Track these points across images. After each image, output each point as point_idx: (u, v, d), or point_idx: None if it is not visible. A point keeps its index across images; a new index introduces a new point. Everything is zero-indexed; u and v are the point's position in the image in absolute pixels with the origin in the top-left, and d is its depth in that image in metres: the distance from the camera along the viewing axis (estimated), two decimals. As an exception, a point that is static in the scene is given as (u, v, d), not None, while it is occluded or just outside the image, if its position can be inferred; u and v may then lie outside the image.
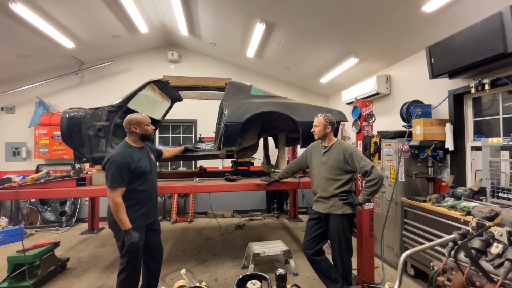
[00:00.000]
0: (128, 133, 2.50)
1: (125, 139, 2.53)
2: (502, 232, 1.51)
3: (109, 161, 2.30)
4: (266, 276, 1.19)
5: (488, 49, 2.67)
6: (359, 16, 3.77)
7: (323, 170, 2.69)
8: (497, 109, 3.21)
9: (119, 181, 2.27)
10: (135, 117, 2.47)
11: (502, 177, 2.69)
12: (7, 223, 5.30)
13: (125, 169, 2.30)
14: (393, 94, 4.84)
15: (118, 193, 2.26)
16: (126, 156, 2.34)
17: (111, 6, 4.41)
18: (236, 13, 4.52)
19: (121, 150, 2.38)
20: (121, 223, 2.24)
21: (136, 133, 2.47)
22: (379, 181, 2.48)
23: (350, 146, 2.68)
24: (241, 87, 3.81)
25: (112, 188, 2.25)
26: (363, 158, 2.59)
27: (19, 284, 3.13)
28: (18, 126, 5.93)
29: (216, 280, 3.39)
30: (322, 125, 2.71)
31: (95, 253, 4.31)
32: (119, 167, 2.27)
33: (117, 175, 2.26)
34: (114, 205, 2.23)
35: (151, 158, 2.62)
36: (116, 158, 2.29)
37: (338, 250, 2.64)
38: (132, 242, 2.21)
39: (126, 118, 2.48)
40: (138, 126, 2.46)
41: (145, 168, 2.45)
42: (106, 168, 2.31)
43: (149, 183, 2.51)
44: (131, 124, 2.45)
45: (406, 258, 1.57)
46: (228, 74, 6.39)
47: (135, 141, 2.50)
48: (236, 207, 6.70)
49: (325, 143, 2.78)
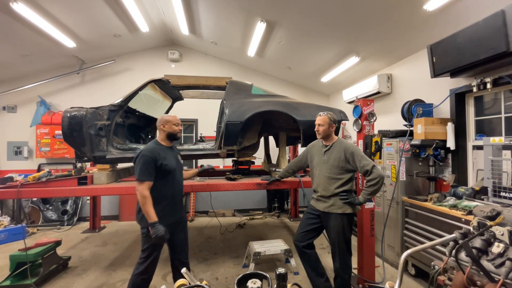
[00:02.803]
0: (158, 131, 2.65)
1: (156, 137, 2.69)
2: (503, 232, 1.51)
3: (139, 155, 2.42)
4: (267, 275, 1.19)
5: (490, 48, 2.65)
6: (360, 15, 3.75)
7: (324, 169, 2.67)
8: (499, 108, 3.20)
9: (146, 175, 2.36)
10: (165, 116, 2.63)
11: (504, 176, 2.69)
12: (9, 222, 5.33)
13: (152, 164, 2.39)
14: (394, 93, 4.82)
15: (145, 186, 2.35)
16: (154, 152, 2.44)
17: (112, 5, 4.41)
18: (237, 12, 4.52)
19: (150, 146, 2.53)
20: (147, 216, 2.32)
21: (164, 131, 2.59)
22: (379, 180, 2.47)
23: (351, 145, 2.67)
24: (242, 86, 3.80)
25: (140, 181, 2.35)
26: (364, 157, 2.57)
27: (21, 282, 3.15)
28: (20, 125, 5.95)
29: (217, 279, 3.40)
30: (326, 124, 2.67)
31: (97, 252, 4.33)
32: (147, 161, 2.38)
33: (144, 168, 2.36)
34: (142, 197, 2.33)
35: (178, 160, 2.72)
36: (145, 152, 2.41)
37: (338, 249, 2.64)
38: (158, 235, 2.27)
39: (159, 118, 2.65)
40: (166, 124, 2.58)
41: (171, 166, 2.53)
42: (135, 162, 2.43)
43: (174, 181, 2.60)
44: (160, 122, 2.59)
45: (407, 258, 1.57)
46: (229, 73, 6.39)
47: (163, 139, 2.62)
48: (237, 206, 6.70)
49: (326, 142, 2.75)
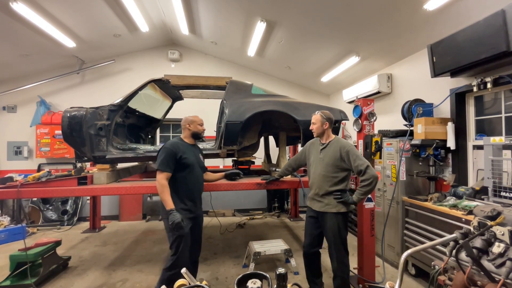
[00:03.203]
0: (182, 130, 2.84)
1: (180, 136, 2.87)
2: (504, 232, 1.50)
3: (162, 148, 2.64)
4: (267, 275, 1.18)
5: (491, 48, 2.65)
6: (360, 15, 3.75)
7: (320, 167, 2.70)
8: (499, 107, 3.19)
9: (165, 165, 2.53)
10: (190, 117, 2.83)
11: (504, 176, 2.69)
12: (9, 221, 5.33)
13: (173, 156, 2.57)
14: (394, 93, 4.82)
15: (164, 175, 2.52)
16: (175, 146, 2.63)
17: (112, 5, 4.41)
18: (237, 11, 4.51)
19: (173, 140, 2.74)
20: (165, 203, 2.47)
21: (189, 130, 2.79)
22: (373, 181, 2.47)
23: (348, 143, 2.67)
24: (242, 86, 3.80)
25: (159, 171, 2.53)
26: (359, 157, 2.57)
27: (21, 282, 3.14)
28: (20, 125, 5.94)
29: (217, 279, 3.40)
30: (319, 122, 2.72)
31: (97, 251, 4.33)
32: (167, 153, 2.57)
33: (164, 160, 2.54)
34: (160, 186, 2.50)
35: (198, 157, 2.87)
36: (167, 145, 2.63)
37: (334, 249, 2.67)
38: (174, 221, 2.36)
39: (183, 118, 2.83)
40: (191, 124, 2.79)
41: (190, 160, 2.68)
42: (158, 154, 2.63)
43: (193, 175, 2.72)
44: (186, 122, 2.80)
45: (407, 257, 1.57)
46: (229, 73, 6.38)
47: (187, 137, 2.81)
48: (237, 206, 6.70)
49: (323, 139, 2.78)
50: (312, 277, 2.89)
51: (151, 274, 3.55)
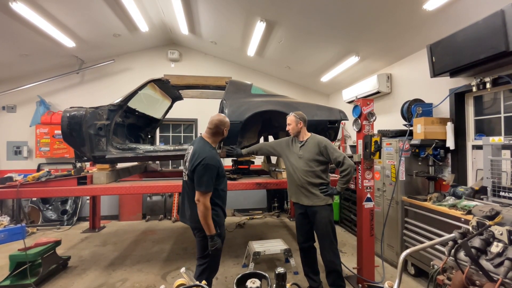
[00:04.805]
0: (214, 134, 2.44)
1: (205, 139, 2.44)
2: (502, 231, 1.51)
3: (201, 164, 2.23)
4: (266, 275, 1.19)
5: (490, 48, 2.65)
6: (360, 15, 3.75)
7: (301, 163, 2.84)
8: (499, 107, 3.20)
9: (210, 185, 2.25)
10: (226, 119, 2.47)
11: (503, 176, 2.69)
12: (9, 221, 5.32)
13: (216, 173, 2.30)
14: (394, 93, 4.82)
15: (208, 197, 2.26)
16: (217, 161, 2.33)
17: (111, 5, 4.41)
18: (237, 11, 4.51)
19: (212, 154, 2.33)
20: (207, 228, 2.25)
21: (224, 135, 2.49)
22: (351, 170, 2.70)
23: (324, 139, 2.87)
24: (242, 86, 3.80)
25: (203, 193, 2.22)
26: (336, 149, 2.80)
27: (21, 282, 3.15)
28: (19, 125, 5.94)
29: (216, 279, 3.40)
30: (294, 122, 2.89)
31: (96, 251, 4.33)
32: (212, 171, 2.26)
33: (210, 179, 2.24)
34: (206, 209, 2.22)
35: None
36: (210, 162, 2.25)
37: (327, 241, 2.80)
38: (217, 247, 2.29)
39: (216, 118, 2.43)
40: (228, 129, 2.49)
41: (224, 170, 2.48)
42: (198, 171, 2.24)
43: (226, 183, 2.58)
44: (225, 126, 2.45)
45: (407, 257, 1.57)
46: (229, 73, 6.39)
47: (215, 141, 2.48)
48: (236, 206, 6.71)
49: (300, 138, 2.94)
50: (309, 273, 3.02)
51: (150, 273, 3.56)
